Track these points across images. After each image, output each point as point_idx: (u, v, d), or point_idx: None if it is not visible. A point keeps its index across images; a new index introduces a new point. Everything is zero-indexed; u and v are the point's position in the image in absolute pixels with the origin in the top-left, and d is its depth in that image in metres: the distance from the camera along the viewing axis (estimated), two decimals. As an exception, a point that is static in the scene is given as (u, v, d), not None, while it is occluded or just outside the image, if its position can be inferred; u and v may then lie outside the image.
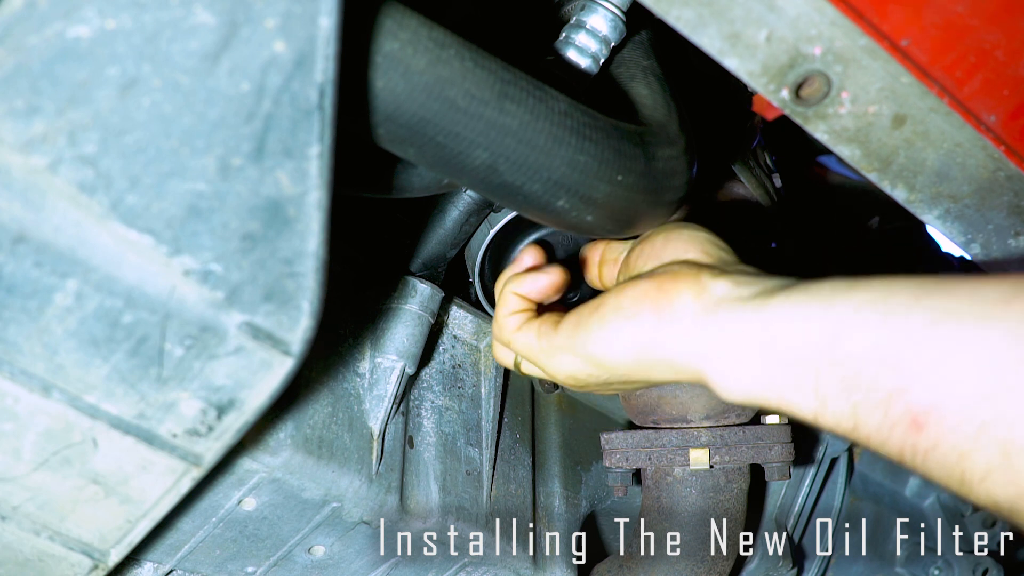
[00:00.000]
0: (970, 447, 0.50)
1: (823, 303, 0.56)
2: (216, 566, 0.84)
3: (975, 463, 0.50)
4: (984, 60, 0.66)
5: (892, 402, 0.52)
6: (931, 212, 0.75)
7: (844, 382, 0.54)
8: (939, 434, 0.51)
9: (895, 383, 0.52)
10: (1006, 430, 0.48)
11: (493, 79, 0.58)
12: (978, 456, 0.49)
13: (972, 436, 0.49)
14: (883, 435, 0.53)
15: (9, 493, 0.58)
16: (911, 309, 0.53)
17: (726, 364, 0.60)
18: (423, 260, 0.98)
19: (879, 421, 0.53)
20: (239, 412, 0.57)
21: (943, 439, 0.51)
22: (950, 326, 0.51)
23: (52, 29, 0.44)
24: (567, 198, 0.64)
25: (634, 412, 0.94)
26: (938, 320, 0.51)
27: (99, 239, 0.49)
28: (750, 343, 0.58)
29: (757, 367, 0.58)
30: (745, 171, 1.08)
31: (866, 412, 0.54)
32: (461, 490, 0.91)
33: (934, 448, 0.51)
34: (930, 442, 0.51)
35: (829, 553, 1.29)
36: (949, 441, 0.50)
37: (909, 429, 0.52)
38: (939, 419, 0.51)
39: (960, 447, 0.50)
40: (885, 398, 0.53)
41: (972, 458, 0.50)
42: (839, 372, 0.54)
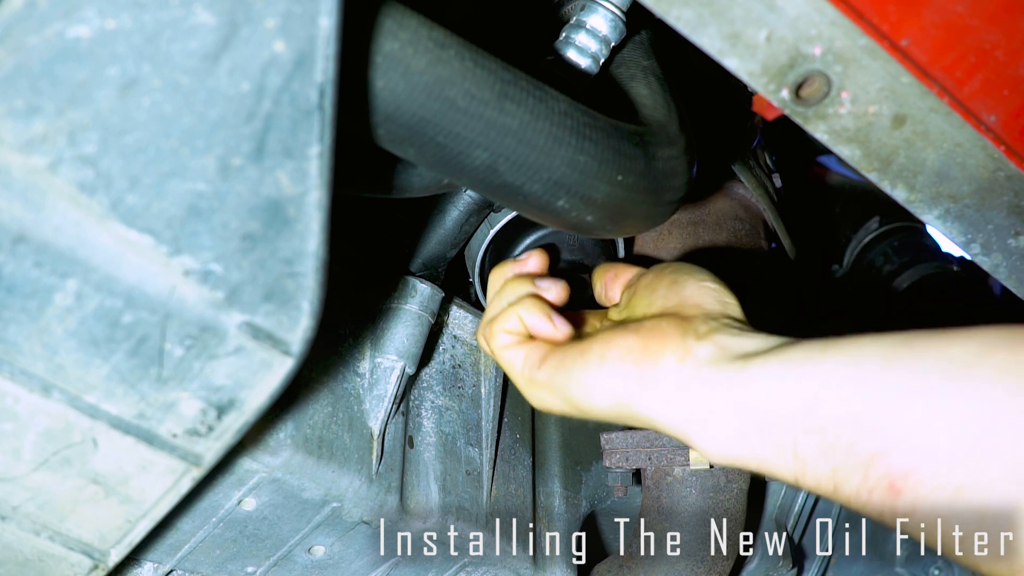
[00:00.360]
0: (947, 512, 0.51)
1: (798, 369, 0.57)
2: (216, 566, 0.84)
3: (952, 527, 0.51)
4: (984, 60, 0.66)
5: (871, 466, 0.53)
6: (931, 212, 0.75)
7: (823, 447, 0.55)
8: (916, 499, 0.52)
9: (873, 448, 0.53)
10: (981, 495, 0.50)
11: (493, 79, 0.58)
12: (955, 520, 0.51)
13: (948, 502, 0.51)
14: (863, 498, 0.54)
15: (9, 493, 0.58)
16: (884, 373, 0.54)
17: (705, 429, 0.61)
18: (423, 260, 0.98)
19: (858, 485, 0.54)
20: (239, 412, 0.57)
21: (921, 504, 0.52)
22: (927, 387, 0.52)
23: (52, 29, 0.44)
24: (567, 198, 0.64)
25: (634, 412, 0.94)
26: (910, 386, 0.53)
27: (99, 239, 0.49)
28: (729, 409, 0.59)
29: (736, 432, 0.59)
30: (745, 171, 1.08)
31: (845, 476, 0.55)
32: (461, 490, 0.91)
33: (913, 512, 0.52)
34: (908, 507, 0.52)
35: (829, 553, 1.29)
36: (926, 505, 0.52)
37: (887, 493, 0.53)
38: (916, 484, 0.52)
39: (937, 511, 0.51)
40: (864, 462, 0.54)
41: (950, 522, 0.51)
42: (817, 438, 0.56)
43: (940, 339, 0.54)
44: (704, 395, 0.60)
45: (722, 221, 1.06)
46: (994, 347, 0.52)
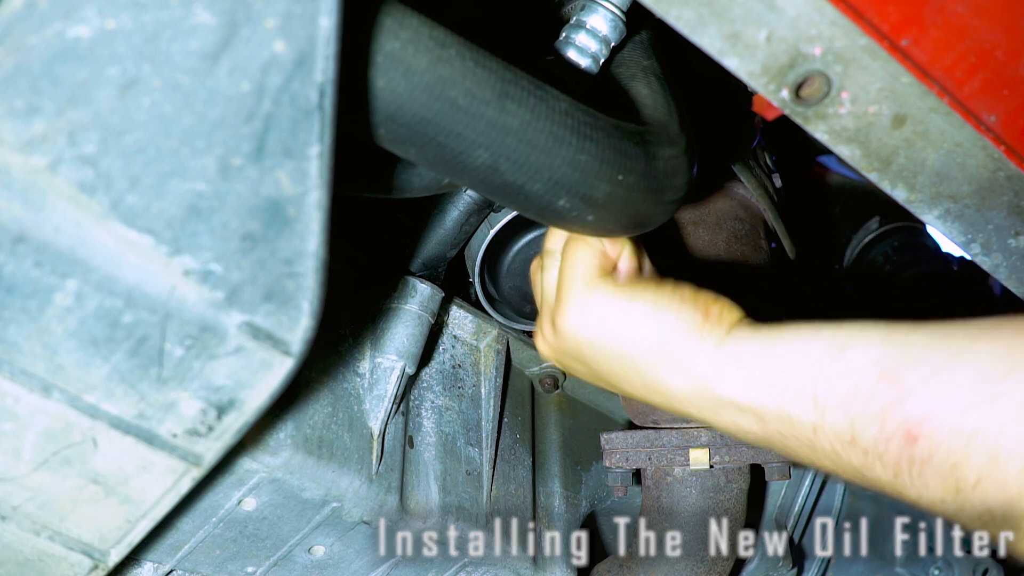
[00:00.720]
0: (961, 457, 0.52)
1: (830, 326, 0.61)
2: (216, 566, 0.84)
3: (967, 471, 0.52)
4: (984, 60, 0.66)
5: (888, 415, 0.55)
6: (931, 212, 0.75)
7: (842, 395, 0.57)
8: (932, 445, 0.54)
9: (892, 396, 0.55)
10: (993, 438, 0.51)
11: (494, 79, 0.58)
12: (969, 465, 0.52)
13: (963, 445, 0.52)
14: (879, 448, 0.56)
15: (9, 493, 0.58)
16: (909, 335, 0.57)
17: (735, 370, 0.64)
18: (423, 260, 0.98)
19: (875, 433, 0.56)
20: (239, 412, 0.57)
21: (936, 449, 0.53)
22: (944, 346, 0.55)
23: (52, 29, 0.44)
24: (568, 198, 0.64)
25: (634, 412, 0.94)
26: (934, 342, 0.56)
27: (99, 239, 0.49)
28: (760, 352, 0.63)
29: (763, 373, 0.62)
30: (745, 171, 1.08)
31: (863, 425, 0.57)
32: (461, 490, 0.91)
33: (929, 459, 0.54)
34: (925, 453, 0.54)
35: (829, 553, 1.29)
36: (942, 451, 0.53)
37: (904, 441, 0.55)
38: (932, 430, 0.53)
39: (952, 456, 0.53)
40: (881, 411, 0.56)
41: (964, 467, 0.52)
42: (839, 384, 0.58)
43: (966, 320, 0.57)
44: (743, 341, 0.64)
45: (722, 221, 1.06)
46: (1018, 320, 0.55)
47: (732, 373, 0.64)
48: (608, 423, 1.17)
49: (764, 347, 0.63)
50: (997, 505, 0.52)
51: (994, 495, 0.52)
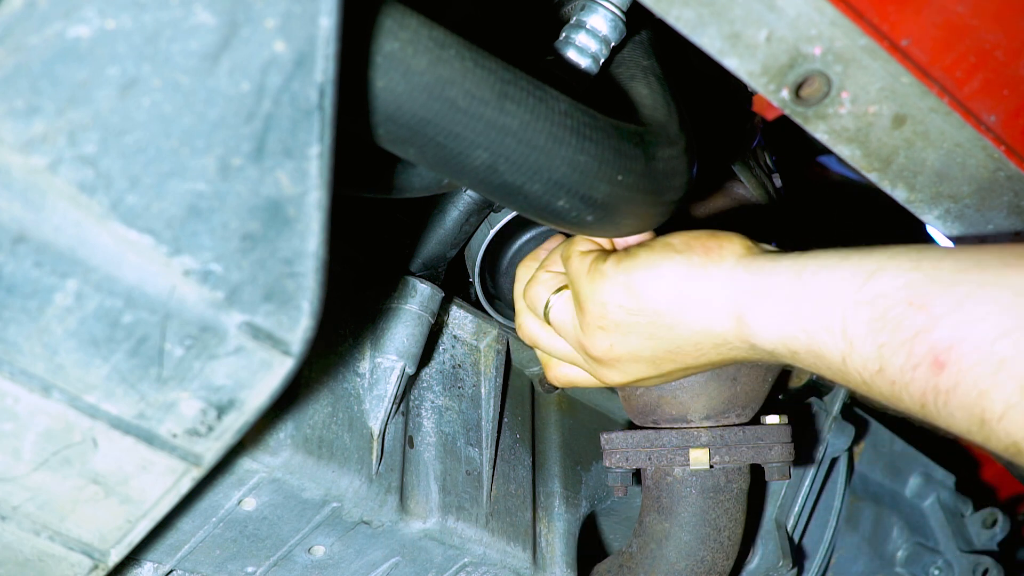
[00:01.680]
0: (989, 385, 0.51)
1: (858, 254, 0.59)
2: (216, 566, 0.84)
3: (994, 401, 0.51)
4: (984, 60, 0.66)
5: (916, 342, 0.54)
6: (931, 212, 0.75)
7: (871, 323, 0.56)
8: (959, 372, 0.52)
9: (920, 323, 0.54)
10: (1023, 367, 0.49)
11: (493, 79, 0.58)
12: (997, 394, 0.50)
13: (991, 374, 0.51)
14: (906, 377, 0.55)
15: (9, 493, 0.58)
16: (939, 261, 0.55)
17: (763, 307, 0.62)
18: (423, 260, 0.98)
19: (903, 362, 0.54)
20: (239, 412, 0.57)
21: (963, 378, 0.52)
22: (975, 272, 0.53)
23: (52, 29, 0.44)
24: (567, 198, 0.64)
25: (634, 412, 0.94)
26: (963, 269, 0.54)
27: (99, 239, 0.49)
28: (786, 288, 0.61)
29: (790, 309, 0.60)
30: (745, 171, 1.08)
31: (891, 353, 0.55)
32: (461, 490, 0.91)
33: (955, 388, 0.52)
34: (951, 382, 0.52)
35: (829, 553, 1.29)
36: (969, 379, 0.51)
37: (931, 369, 0.53)
38: (959, 357, 0.52)
39: (979, 385, 0.51)
40: (910, 338, 0.54)
41: (991, 396, 0.51)
42: (867, 312, 0.56)
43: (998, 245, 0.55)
44: (765, 276, 0.63)
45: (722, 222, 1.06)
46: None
47: (760, 309, 0.62)
48: (608, 423, 1.17)
49: (789, 276, 0.61)
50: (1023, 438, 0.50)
51: (1020, 427, 0.50)
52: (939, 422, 0.55)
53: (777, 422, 0.91)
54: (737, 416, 0.90)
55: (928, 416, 0.55)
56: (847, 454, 1.26)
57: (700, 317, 0.66)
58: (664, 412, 0.91)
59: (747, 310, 0.63)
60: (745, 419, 0.91)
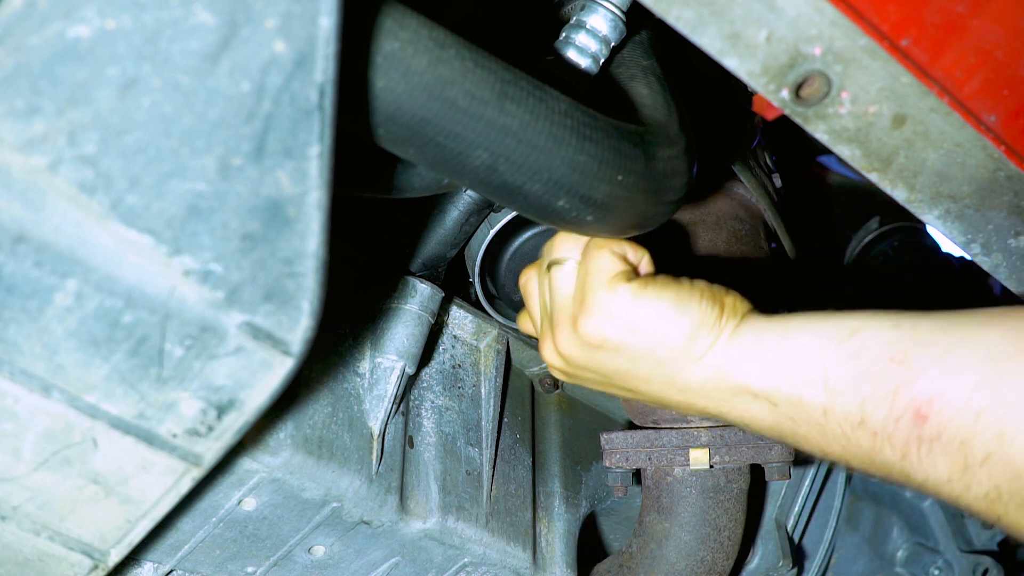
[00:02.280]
0: (970, 435, 0.53)
1: (841, 313, 0.62)
2: (216, 566, 0.84)
3: (975, 449, 0.53)
4: (984, 60, 0.66)
5: (898, 395, 0.56)
6: (931, 212, 0.75)
7: (854, 377, 0.58)
8: (941, 424, 0.54)
9: (901, 377, 0.56)
10: (1000, 416, 0.52)
11: (493, 79, 0.58)
12: (977, 442, 0.53)
13: (970, 424, 0.53)
14: (889, 429, 0.57)
15: (9, 493, 0.58)
16: (919, 320, 0.58)
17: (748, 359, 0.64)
18: (423, 260, 0.98)
19: (885, 415, 0.57)
20: (239, 412, 0.57)
21: (945, 428, 0.54)
22: (953, 331, 0.56)
23: (52, 29, 0.44)
24: (567, 198, 0.64)
25: (634, 412, 0.94)
26: (943, 327, 0.57)
27: (99, 239, 0.49)
28: (770, 340, 0.64)
29: (775, 359, 0.63)
30: (745, 171, 1.08)
31: (873, 406, 0.57)
32: (461, 490, 0.91)
33: (938, 438, 0.55)
34: (934, 432, 0.55)
35: (829, 553, 1.29)
36: (950, 430, 0.54)
37: (914, 420, 0.55)
38: (940, 409, 0.54)
39: (961, 435, 0.54)
40: (891, 391, 0.56)
41: (972, 444, 0.53)
42: (850, 367, 0.59)
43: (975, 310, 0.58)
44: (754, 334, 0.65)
45: (722, 221, 1.06)
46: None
47: (746, 360, 0.65)
48: (608, 423, 1.17)
49: (776, 334, 0.64)
50: (1004, 481, 0.53)
51: (1001, 471, 0.52)
52: (918, 473, 0.57)
53: (777, 422, 0.91)
54: (737, 416, 0.90)
55: (908, 467, 0.57)
56: (847, 454, 1.26)
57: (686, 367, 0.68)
58: (664, 412, 0.91)
59: (734, 365, 0.65)
60: (745, 419, 0.91)
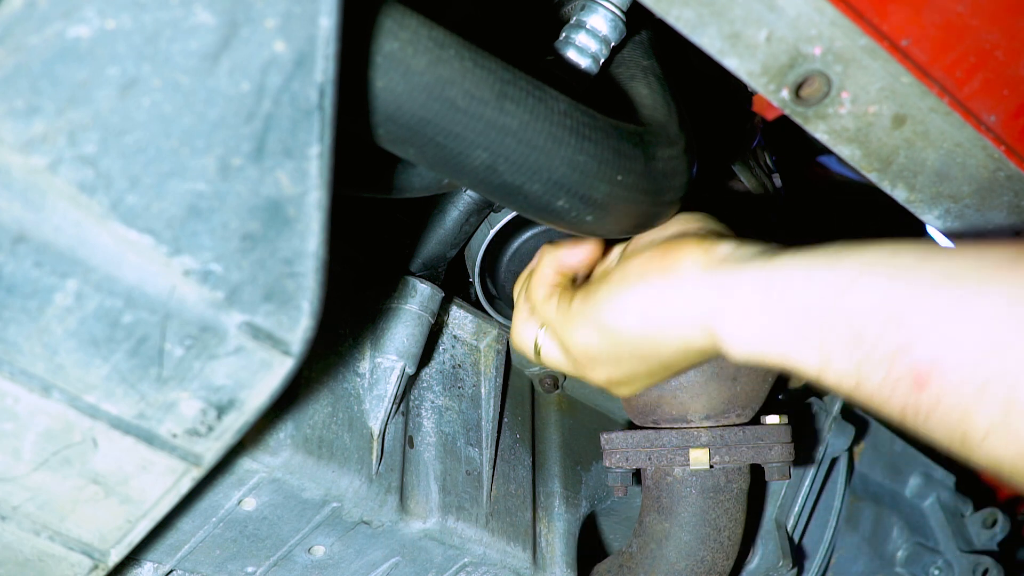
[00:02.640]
0: (971, 405, 0.49)
1: (829, 261, 0.56)
2: (216, 566, 0.84)
3: (976, 422, 0.49)
4: (984, 60, 0.66)
5: (895, 359, 0.52)
6: (931, 212, 0.75)
7: (848, 339, 0.54)
8: (941, 392, 0.50)
9: (899, 340, 0.52)
10: (1007, 388, 0.48)
11: (493, 79, 0.58)
12: (979, 415, 0.49)
13: (973, 394, 0.49)
14: (885, 394, 0.53)
15: (9, 493, 0.58)
16: (917, 270, 0.53)
17: (732, 320, 0.60)
18: (423, 260, 0.98)
19: (881, 379, 0.53)
20: (239, 412, 0.57)
21: (945, 397, 0.50)
22: (954, 286, 0.51)
23: (52, 29, 0.44)
24: (567, 198, 0.64)
25: (634, 412, 0.94)
26: (942, 281, 0.51)
27: (99, 239, 0.49)
28: (756, 298, 0.59)
29: (763, 322, 0.58)
30: (745, 171, 1.08)
31: (869, 370, 0.53)
32: (461, 490, 0.91)
33: (936, 407, 0.51)
34: (932, 400, 0.51)
35: (829, 553, 1.29)
36: (951, 399, 0.50)
37: (911, 387, 0.51)
38: (941, 376, 0.50)
39: (962, 405, 0.50)
40: (888, 355, 0.52)
41: (973, 417, 0.49)
42: (843, 328, 0.54)
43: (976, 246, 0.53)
44: (729, 286, 0.60)
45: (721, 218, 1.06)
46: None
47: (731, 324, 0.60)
48: (608, 423, 1.17)
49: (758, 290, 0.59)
50: (1007, 459, 0.49)
51: (1004, 448, 0.48)
52: (919, 431, 0.53)
53: (777, 422, 0.91)
54: (737, 416, 0.91)
55: (908, 424, 0.53)
56: (847, 454, 1.26)
57: (676, 337, 0.65)
58: (664, 412, 0.91)
59: (718, 325, 0.61)
60: (745, 419, 0.91)
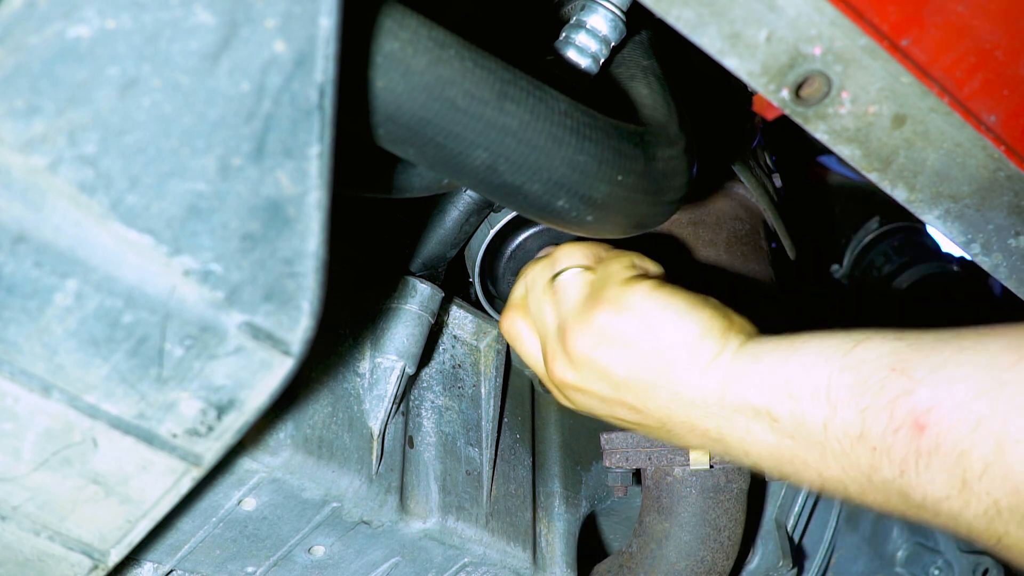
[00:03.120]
0: (968, 444, 0.53)
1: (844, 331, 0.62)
2: (216, 566, 0.84)
3: (973, 460, 0.53)
4: (984, 60, 0.66)
5: (897, 405, 0.56)
6: (931, 212, 0.75)
7: (854, 387, 0.58)
8: (939, 434, 0.54)
9: (901, 386, 0.56)
10: (1000, 424, 0.52)
11: (493, 79, 0.58)
12: (975, 453, 0.52)
13: (969, 433, 0.53)
14: (888, 441, 0.56)
15: (9, 493, 0.58)
16: (921, 334, 0.58)
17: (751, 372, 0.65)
18: (423, 260, 0.98)
19: (884, 426, 0.56)
20: (239, 412, 0.57)
21: (943, 439, 0.54)
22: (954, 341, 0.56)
23: (52, 29, 0.44)
24: (567, 198, 0.64)
25: (634, 412, 0.94)
26: (945, 338, 0.57)
27: (99, 239, 0.49)
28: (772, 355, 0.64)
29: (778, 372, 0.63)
30: (745, 171, 1.08)
31: (872, 417, 0.57)
32: (461, 490, 0.91)
33: (936, 449, 0.54)
34: (932, 443, 0.54)
35: (829, 553, 1.29)
36: (949, 440, 0.53)
37: (912, 431, 0.55)
38: (939, 418, 0.54)
39: (959, 445, 0.53)
40: (891, 401, 0.56)
41: (970, 456, 0.53)
42: (851, 378, 0.58)
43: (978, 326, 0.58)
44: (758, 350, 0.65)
45: (722, 221, 1.06)
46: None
47: (748, 375, 0.65)
48: (608, 423, 1.17)
49: (781, 351, 0.64)
50: (1003, 495, 0.52)
51: (1000, 484, 0.52)
52: (917, 491, 0.56)
53: (777, 422, 0.91)
54: (737, 416, 0.90)
55: (906, 485, 0.56)
56: (847, 454, 1.26)
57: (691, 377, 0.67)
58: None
59: (737, 378, 0.65)
60: (745, 419, 0.91)
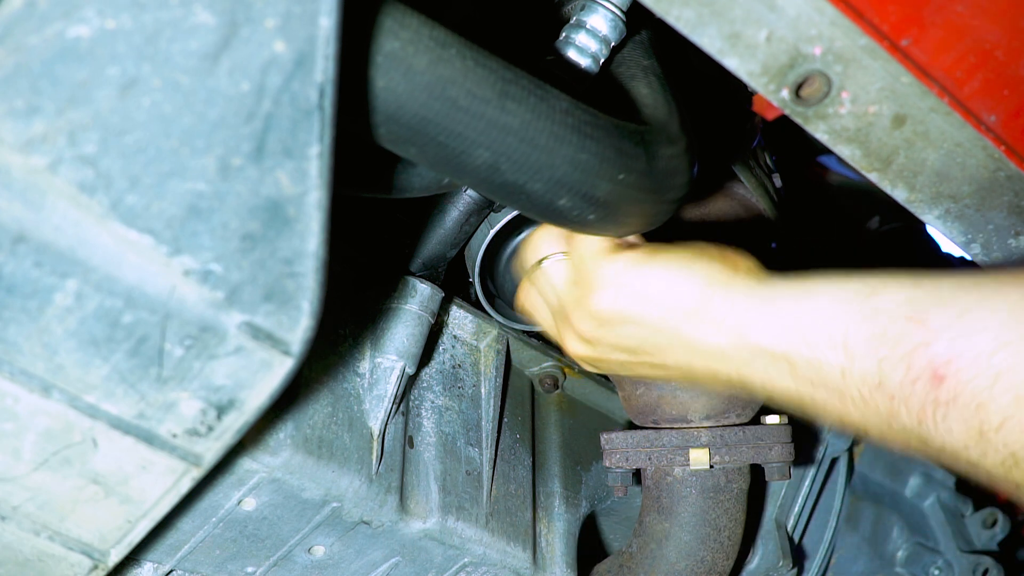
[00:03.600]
0: (986, 397, 0.52)
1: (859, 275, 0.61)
2: (216, 566, 0.84)
3: (991, 413, 0.52)
4: (984, 60, 0.66)
5: (915, 356, 0.55)
6: (931, 212, 0.75)
7: (872, 337, 0.58)
8: (957, 385, 0.54)
9: (919, 337, 0.56)
10: (1020, 378, 0.51)
11: (494, 78, 0.58)
12: (994, 405, 0.52)
13: (988, 386, 0.52)
14: (905, 391, 0.56)
15: (9, 493, 0.58)
16: (940, 279, 0.57)
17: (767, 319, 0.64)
18: (423, 260, 0.98)
19: (902, 376, 0.56)
20: (239, 412, 0.57)
21: (962, 390, 0.53)
22: (973, 290, 0.55)
23: (52, 29, 0.44)
24: (569, 197, 0.64)
25: (634, 412, 0.94)
26: (964, 286, 0.56)
27: (99, 239, 0.49)
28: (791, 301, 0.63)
29: (794, 320, 0.62)
30: (745, 171, 1.08)
31: (890, 367, 0.57)
32: (461, 490, 0.91)
33: (953, 400, 0.54)
34: (950, 394, 0.54)
35: (829, 553, 1.29)
36: (967, 392, 0.53)
37: (930, 383, 0.55)
38: (957, 370, 0.54)
39: (977, 397, 0.53)
40: (909, 351, 0.56)
41: (988, 408, 0.52)
42: (868, 327, 0.58)
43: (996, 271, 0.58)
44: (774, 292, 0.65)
45: (722, 221, 1.06)
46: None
47: (764, 321, 0.64)
48: (608, 423, 1.17)
49: (796, 295, 0.63)
50: (1021, 447, 0.52)
51: (1018, 437, 0.52)
52: (935, 438, 0.56)
53: (777, 422, 0.91)
54: (737, 416, 0.91)
55: (925, 433, 0.56)
56: (847, 454, 1.26)
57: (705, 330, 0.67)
58: (664, 412, 0.91)
59: (752, 324, 0.65)
60: (745, 419, 0.91)
